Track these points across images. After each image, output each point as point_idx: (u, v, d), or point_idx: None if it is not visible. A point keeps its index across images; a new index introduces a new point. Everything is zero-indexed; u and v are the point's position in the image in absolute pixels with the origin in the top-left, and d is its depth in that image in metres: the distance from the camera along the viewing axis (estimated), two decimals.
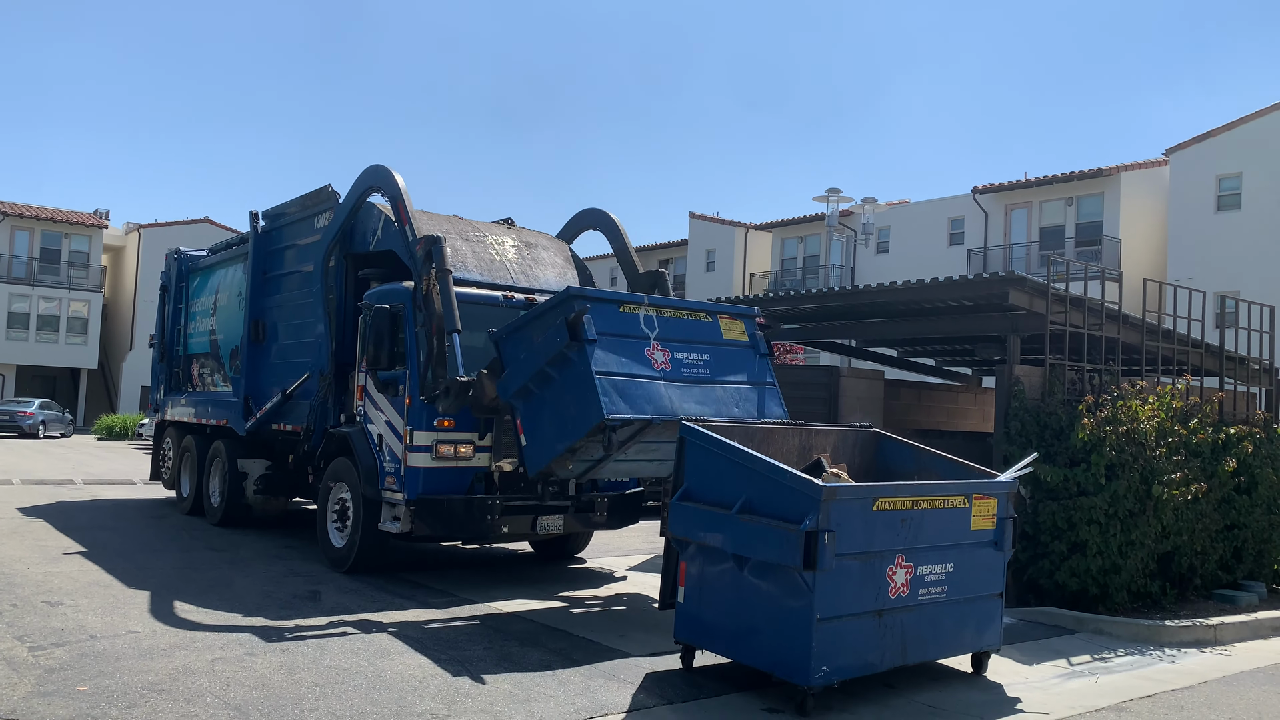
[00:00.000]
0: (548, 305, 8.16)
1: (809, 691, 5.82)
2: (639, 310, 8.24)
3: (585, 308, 7.74)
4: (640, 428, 7.90)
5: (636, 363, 7.99)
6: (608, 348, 7.84)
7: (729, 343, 8.71)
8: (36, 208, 44.13)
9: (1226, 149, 27.39)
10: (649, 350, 8.11)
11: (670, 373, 8.01)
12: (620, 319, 8.06)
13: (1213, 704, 6.69)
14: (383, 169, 9.89)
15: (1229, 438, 10.31)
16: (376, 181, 9.97)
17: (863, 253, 35.39)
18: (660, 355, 8.13)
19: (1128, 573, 9.09)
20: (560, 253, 11.39)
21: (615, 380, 7.75)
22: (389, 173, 9.80)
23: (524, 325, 8.29)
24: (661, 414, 7.80)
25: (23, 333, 42.82)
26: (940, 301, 11.28)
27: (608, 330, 7.91)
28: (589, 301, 7.91)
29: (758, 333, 9.05)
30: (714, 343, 8.60)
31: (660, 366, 8.06)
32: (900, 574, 6.22)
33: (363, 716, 5.48)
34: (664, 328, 8.29)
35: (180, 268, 15.06)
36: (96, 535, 11.58)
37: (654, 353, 8.12)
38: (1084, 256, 28.56)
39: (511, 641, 7.31)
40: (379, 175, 9.94)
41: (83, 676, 6.00)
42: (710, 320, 8.74)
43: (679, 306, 8.67)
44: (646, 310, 8.28)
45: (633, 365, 7.95)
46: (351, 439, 9.80)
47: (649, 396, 7.88)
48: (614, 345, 7.91)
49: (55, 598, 8.14)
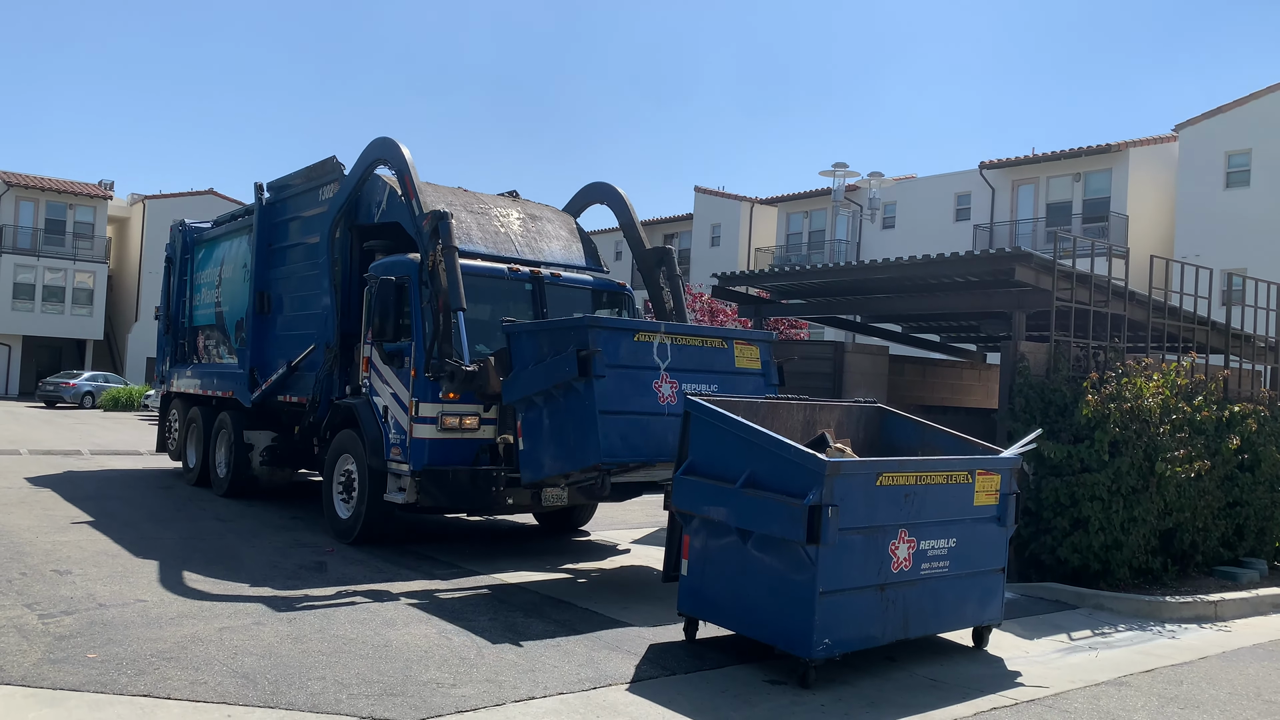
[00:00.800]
0: (564, 325, 7.98)
1: (811, 664, 5.87)
2: (654, 339, 8.08)
3: (597, 350, 7.57)
4: (637, 467, 7.95)
5: (643, 397, 7.90)
6: (616, 382, 7.71)
7: (740, 371, 8.64)
8: (41, 178, 44.08)
9: (1236, 125, 27.18)
10: (657, 383, 8.01)
11: (675, 406, 7.86)
12: (633, 349, 7.93)
13: (1212, 679, 6.74)
14: (389, 141, 9.83)
15: (1233, 415, 10.30)
16: (383, 154, 9.92)
17: (868, 228, 35.25)
18: (668, 388, 7.99)
19: (1129, 549, 9.12)
20: (565, 225, 11.35)
21: (619, 420, 7.72)
22: (396, 145, 9.74)
23: (539, 331, 8.20)
24: (660, 456, 7.77)
25: (28, 304, 42.91)
26: (946, 277, 11.25)
27: (619, 362, 7.77)
28: (604, 330, 7.75)
29: (772, 360, 8.94)
30: (725, 371, 8.54)
31: (666, 400, 7.97)
32: (903, 548, 6.25)
33: (369, 685, 5.54)
34: (676, 357, 8.20)
35: (185, 240, 15.03)
36: (104, 505, 11.66)
37: (662, 385, 8.03)
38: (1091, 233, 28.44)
39: (516, 612, 7.37)
40: (386, 148, 9.88)
41: (92, 644, 6.06)
42: (725, 347, 8.63)
43: (694, 334, 8.52)
44: (661, 339, 8.12)
45: (639, 401, 7.87)
46: (357, 410, 9.82)
47: (651, 436, 7.85)
48: (623, 379, 7.79)
49: (64, 566, 8.21)
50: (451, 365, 8.49)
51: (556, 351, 7.83)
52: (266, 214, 12.30)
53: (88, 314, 44.04)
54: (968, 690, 6.09)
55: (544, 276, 10.00)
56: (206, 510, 11.63)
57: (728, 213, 41.50)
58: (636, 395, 7.86)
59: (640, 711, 5.38)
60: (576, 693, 5.62)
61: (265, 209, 12.32)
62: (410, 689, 5.51)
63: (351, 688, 5.49)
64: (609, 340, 7.76)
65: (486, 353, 9.18)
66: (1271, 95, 26.68)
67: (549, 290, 9.97)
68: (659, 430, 7.82)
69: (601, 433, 7.52)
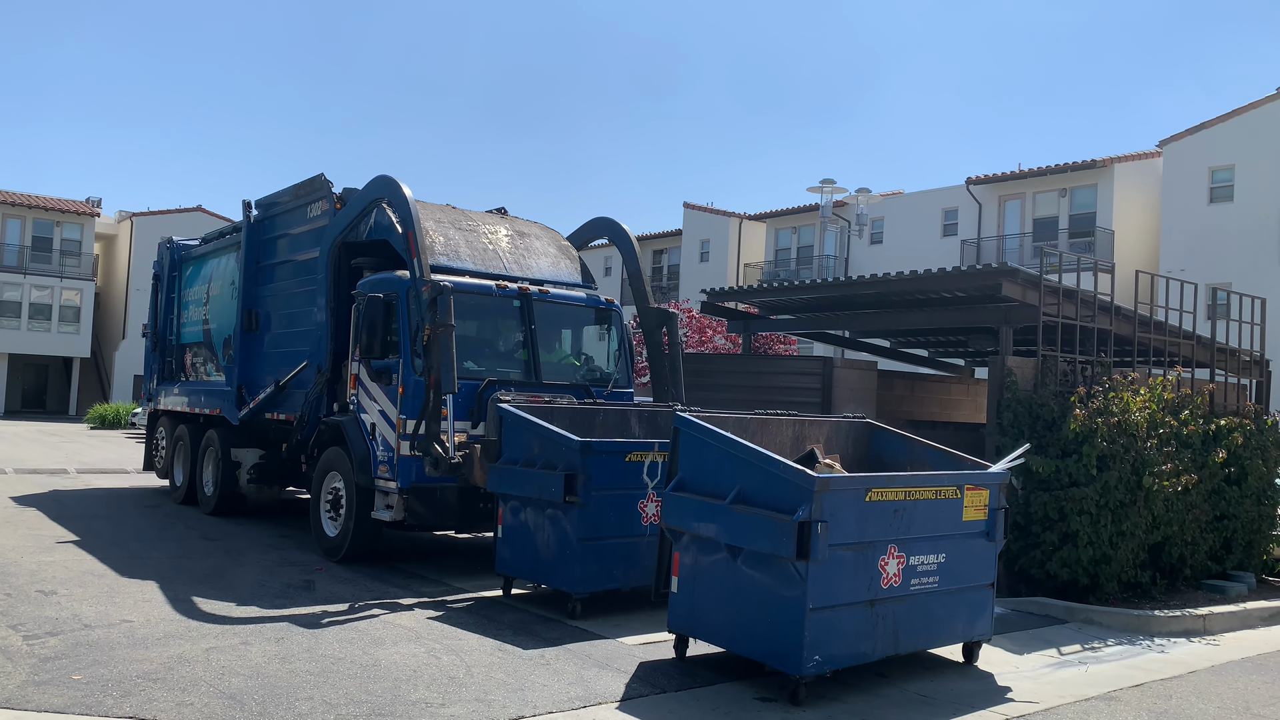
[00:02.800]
0: (554, 438, 7.81)
1: (801, 681, 5.86)
2: (645, 459, 7.91)
3: (586, 477, 7.47)
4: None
5: (627, 521, 7.83)
6: (601, 506, 7.65)
7: None
8: (28, 195, 43.89)
9: (1220, 140, 27.45)
10: (643, 504, 7.91)
11: (657, 527, 7.75)
12: (623, 470, 7.79)
13: (1201, 693, 6.75)
14: (394, 186, 9.66)
15: (1219, 429, 10.36)
16: (386, 195, 9.78)
17: (856, 243, 35.40)
18: (653, 508, 7.84)
19: (1118, 563, 9.14)
20: (554, 242, 11.38)
21: (599, 546, 7.71)
22: (400, 191, 9.56)
23: (529, 430, 8.05)
24: (632, 583, 7.89)
25: (15, 321, 42.65)
26: (934, 293, 11.30)
27: (607, 485, 7.66)
28: (597, 455, 7.61)
29: None
30: None
31: (649, 521, 7.89)
32: (893, 564, 6.25)
33: (357, 705, 5.50)
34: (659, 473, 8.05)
35: (173, 257, 14.98)
36: (90, 524, 11.57)
37: (647, 506, 7.93)
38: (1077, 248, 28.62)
39: (505, 630, 7.33)
40: (389, 189, 9.73)
41: (78, 665, 6.01)
42: None
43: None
44: (653, 458, 7.91)
45: (622, 526, 7.81)
46: (345, 428, 9.81)
47: (628, 561, 7.86)
48: (608, 503, 7.70)
49: (49, 587, 8.14)
50: (436, 453, 8.51)
51: (543, 468, 7.78)
52: (254, 231, 12.29)
53: (75, 331, 43.79)
54: (958, 706, 6.08)
55: (532, 293, 10.04)
56: (194, 529, 11.55)
57: (716, 228, 41.62)
58: (621, 518, 7.80)
59: None
60: (566, 711, 5.59)
61: (253, 226, 12.30)
62: (399, 709, 5.48)
63: (339, 708, 5.45)
64: (598, 462, 7.61)
65: (476, 372, 9.31)
66: (1255, 111, 26.96)
67: (537, 306, 10.04)
68: (636, 553, 7.84)
69: (580, 560, 7.58)
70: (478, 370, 9.48)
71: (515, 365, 9.90)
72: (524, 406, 8.39)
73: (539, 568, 8.01)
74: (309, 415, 10.68)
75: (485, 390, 9.19)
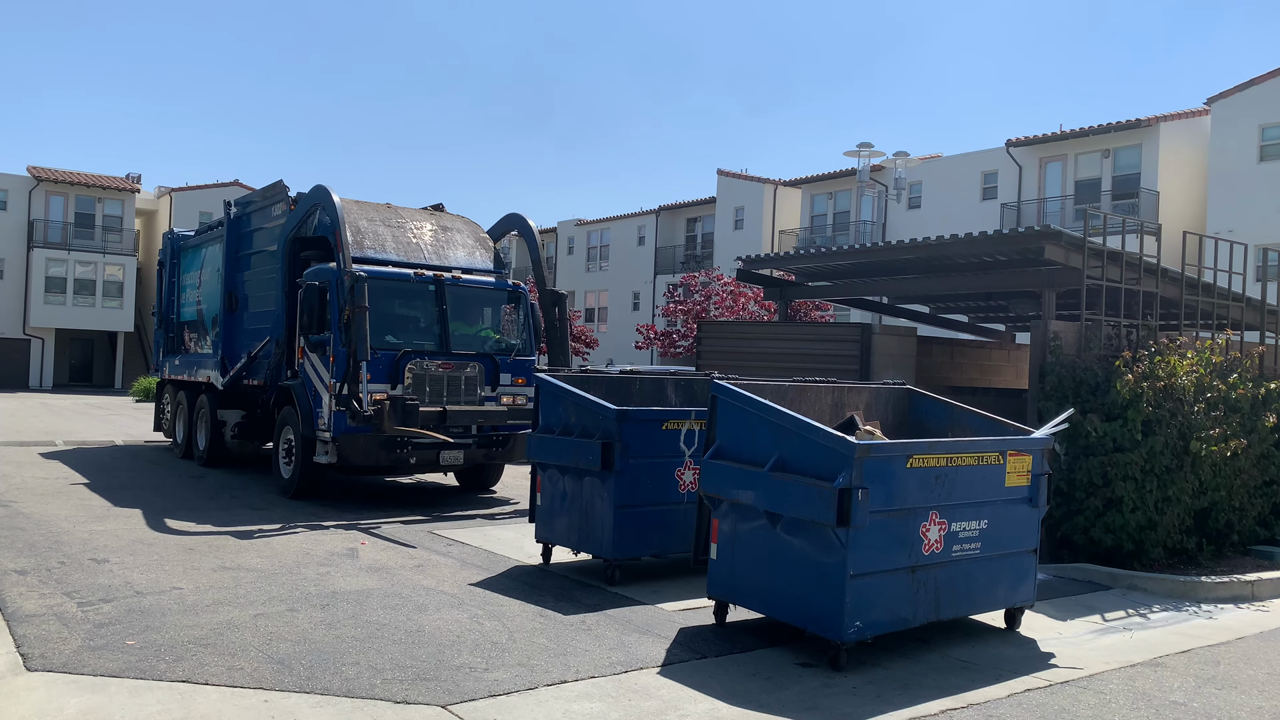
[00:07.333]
0: (590, 406, 7.90)
1: (842, 646, 5.86)
2: (681, 427, 7.96)
3: (623, 445, 7.59)
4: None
5: (664, 489, 7.96)
6: (637, 474, 7.76)
7: None
8: (70, 173, 44.53)
9: (1271, 97, 26.64)
10: (680, 471, 8.03)
11: (694, 494, 7.88)
12: (659, 438, 7.88)
13: (1249, 659, 6.66)
14: (326, 195, 11.66)
15: (1269, 392, 10.15)
16: (321, 202, 11.87)
17: (894, 208, 34.93)
18: (690, 475, 8.00)
19: (1164, 529, 9.02)
20: (474, 235, 13.51)
21: (636, 513, 7.81)
22: (330, 198, 11.59)
23: (566, 399, 8.20)
24: (670, 550, 8.10)
25: (60, 297, 43.43)
26: (974, 257, 11.14)
27: (644, 453, 7.77)
28: (633, 423, 7.70)
29: None
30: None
31: (686, 489, 8.00)
32: (934, 530, 6.21)
33: (402, 670, 5.59)
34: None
35: (174, 246, 17.36)
36: (139, 494, 11.82)
37: (684, 474, 8.04)
38: (1121, 210, 28.05)
39: (547, 596, 7.40)
40: (323, 198, 11.77)
41: (130, 631, 6.15)
42: None
43: None
44: (690, 426, 7.99)
45: (659, 493, 7.93)
46: (294, 390, 11.98)
47: (665, 528, 8.00)
48: (645, 471, 7.80)
49: (101, 555, 8.34)
50: (354, 408, 10.60)
51: (584, 428, 7.91)
52: (234, 226, 14.46)
53: (118, 306, 44.50)
54: (1001, 672, 6.05)
55: (445, 279, 12.05)
56: (239, 498, 11.77)
57: (751, 195, 41.24)
58: (658, 486, 7.90)
59: (672, 694, 5.39)
60: (608, 676, 5.64)
61: (233, 221, 14.47)
62: (443, 673, 5.55)
63: (385, 672, 5.54)
64: (636, 432, 7.71)
65: (395, 344, 11.36)
66: None
67: (449, 290, 12.06)
68: (677, 521, 7.96)
69: (616, 528, 7.72)
70: (396, 343, 11.48)
71: (430, 338, 11.82)
72: (562, 376, 8.48)
73: (577, 535, 8.09)
74: (271, 380, 12.78)
75: (402, 359, 11.29)
